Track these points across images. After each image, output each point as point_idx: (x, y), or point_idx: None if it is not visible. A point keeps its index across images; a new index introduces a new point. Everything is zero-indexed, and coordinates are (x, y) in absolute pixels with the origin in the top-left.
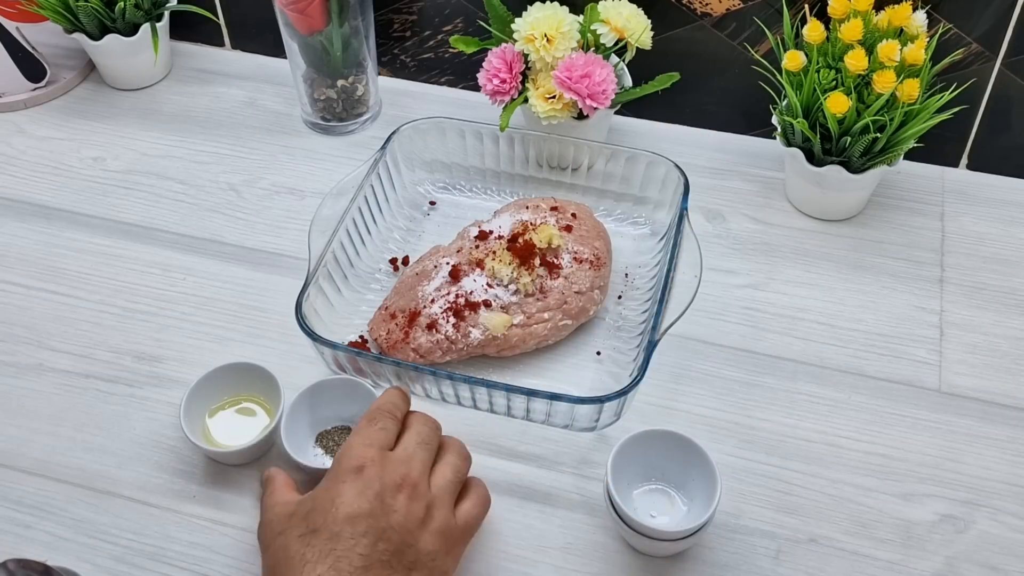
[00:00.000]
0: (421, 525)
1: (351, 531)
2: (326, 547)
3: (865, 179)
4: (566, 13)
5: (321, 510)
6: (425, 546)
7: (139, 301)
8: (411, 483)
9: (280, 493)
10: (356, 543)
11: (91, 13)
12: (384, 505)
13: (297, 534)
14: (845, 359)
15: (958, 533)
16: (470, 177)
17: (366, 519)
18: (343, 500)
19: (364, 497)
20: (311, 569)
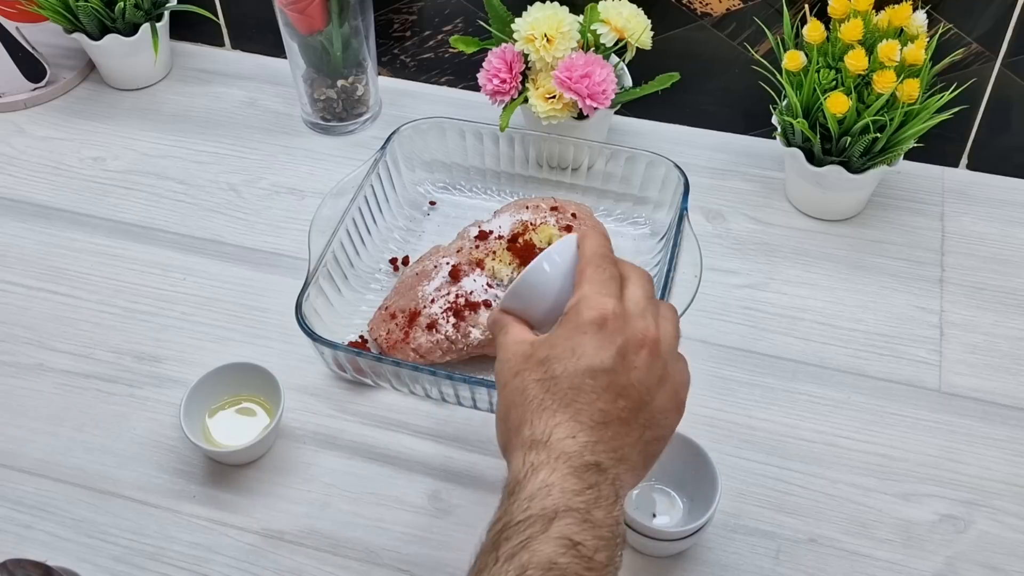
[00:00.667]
0: (659, 383)
1: (592, 384)
2: (567, 396)
3: (865, 179)
4: (566, 13)
5: (561, 358)
6: (660, 404)
7: (139, 301)
8: (652, 340)
9: (515, 331)
10: (597, 397)
11: (91, 13)
12: (626, 362)
13: (535, 377)
14: (845, 359)
15: (958, 533)
16: (470, 177)
17: (608, 374)
18: (585, 352)
19: (607, 352)
20: (550, 416)
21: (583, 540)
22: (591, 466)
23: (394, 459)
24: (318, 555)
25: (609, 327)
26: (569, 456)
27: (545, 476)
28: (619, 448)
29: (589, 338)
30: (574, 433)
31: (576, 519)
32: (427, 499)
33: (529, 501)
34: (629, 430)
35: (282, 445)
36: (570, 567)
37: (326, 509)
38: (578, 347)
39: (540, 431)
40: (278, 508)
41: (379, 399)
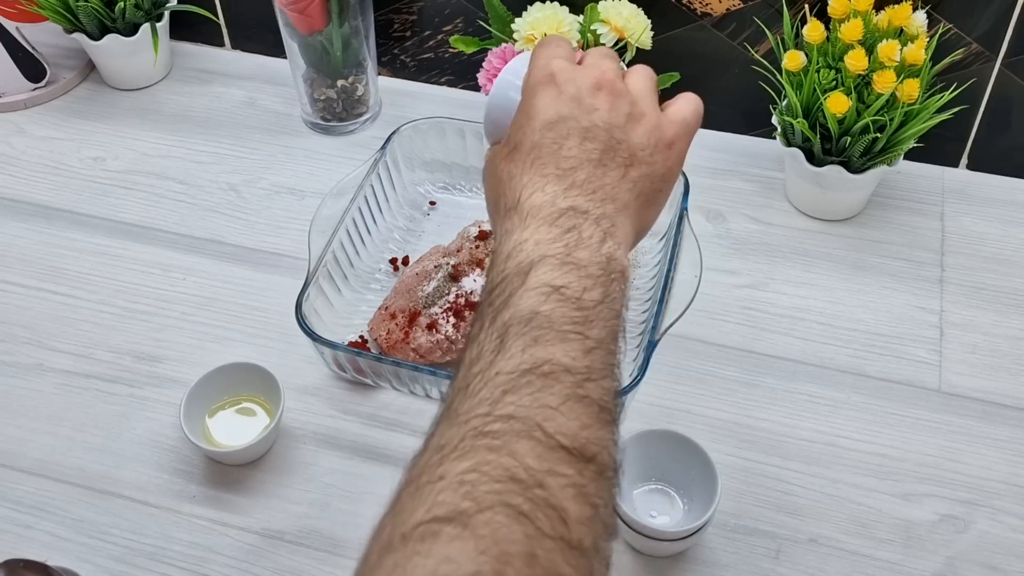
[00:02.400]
0: (629, 120)
1: (552, 136)
2: (530, 157)
3: (865, 179)
4: (566, 13)
5: (519, 125)
6: (639, 142)
7: (139, 301)
8: (608, 81)
9: None
10: (559, 147)
11: (91, 13)
12: (583, 105)
13: (502, 156)
14: (845, 359)
15: (958, 533)
16: (470, 177)
17: (566, 121)
18: (538, 109)
19: (560, 101)
20: (517, 182)
21: (566, 283)
22: (565, 211)
23: (394, 459)
24: (318, 555)
25: (559, 79)
26: (539, 207)
27: (518, 235)
28: (598, 189)
29: (540, 97)
30: (541, 187)
31: (554, 264)
32: None
33: (505, 262)
34: (606, 170)
35: (282, 445)
36: (555, 311)
37: (326, 509)
38: (531, 109)
39: (511, 199)
40: (278, 508)
41: (379, 399)
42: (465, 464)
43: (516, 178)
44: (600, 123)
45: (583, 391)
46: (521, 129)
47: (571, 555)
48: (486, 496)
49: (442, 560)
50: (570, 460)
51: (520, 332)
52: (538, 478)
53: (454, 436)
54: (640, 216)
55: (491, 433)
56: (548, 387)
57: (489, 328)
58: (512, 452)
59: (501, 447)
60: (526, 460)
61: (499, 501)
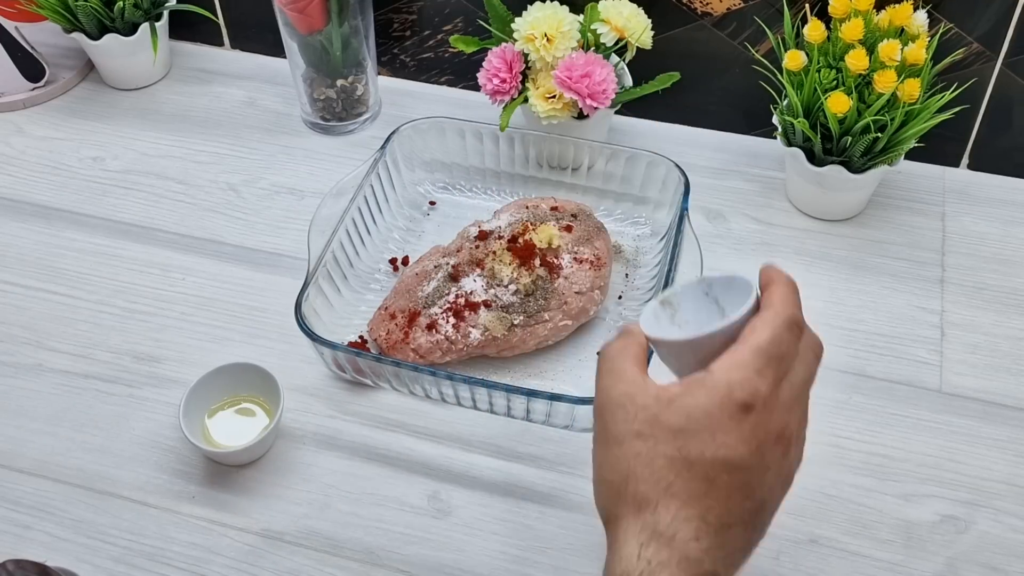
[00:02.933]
0: (782, 486)
1: (727, 480)
2: (699, 488)
3: (866, 179)
4: (566, 13)
5: (698, 437)
6: (775, 506)
7: (138, 301)
8: (788, 437)
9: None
10: (728, 496)
11: (90, 13)
12: (763, 460)
13: (666, 452)
14: (845, 359)
15: (959, 534)
16: (470, 177)
17: (744, 472)
18: (727, 441)
19: (747, 446)
20: (679, 506)
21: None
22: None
23: (394, 459)
24: (317, 555)
25: (754, 416)
26: (691, 563)
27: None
28: (734, 553)
29: (733, 424)
30: (699, 535)
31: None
32: (427, 499)
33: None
34: (746, 533)
35: (282, 445)
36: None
37: (325, 509)
38: (719, 432)
39: (665, 522)
40: (277, 508)
41: (379, 399)
42: None
43: (677, 500)
44: (766, 486)
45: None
46: (699, 444)
47: None
48: None
49: None
50: None
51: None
52: None
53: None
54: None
55: None
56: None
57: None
58: None
59: None
60: None
61: None
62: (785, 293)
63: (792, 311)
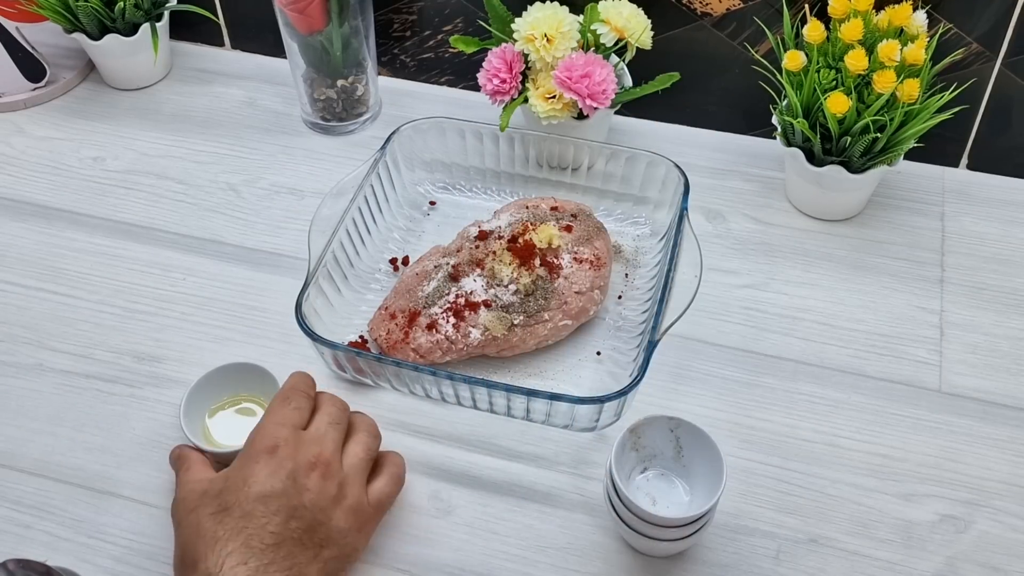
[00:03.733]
0: (334, 503)
1: (263, 509)
2: (238, 525)
3: (865, 179)
4: (566, 13)
5: (234, 489)
6: (337, 523)
7: (139, 301)
8: (324, 462)
9: (195, 471)
10: (268, 521)
11: (91, 13)
12: (297, 484)
13: (209, 511)
14: (845, 359)
15: (958, 533)
16: (470, 177)
17: (279, 498)
18: (256, 479)
19: (277, 477)
20: (223, 546)
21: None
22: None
23: None
24: None
25: (280, 452)
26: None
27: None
28: (294, 566)
29: (261, 465)
30: (245, 559)
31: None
32: (427, 499)
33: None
34: (304, 549)
35: None
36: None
37: None
38: (250, 476)
39: (213, 563)
40: None
41: (379, 399)
42: None
43: (221, 542)
44: (308, 504)
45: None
46: (235, 492)
47: None
48: None
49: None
50: None
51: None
52: None
53: None
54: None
55: None
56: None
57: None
58: None
59: None
60: None
61: None
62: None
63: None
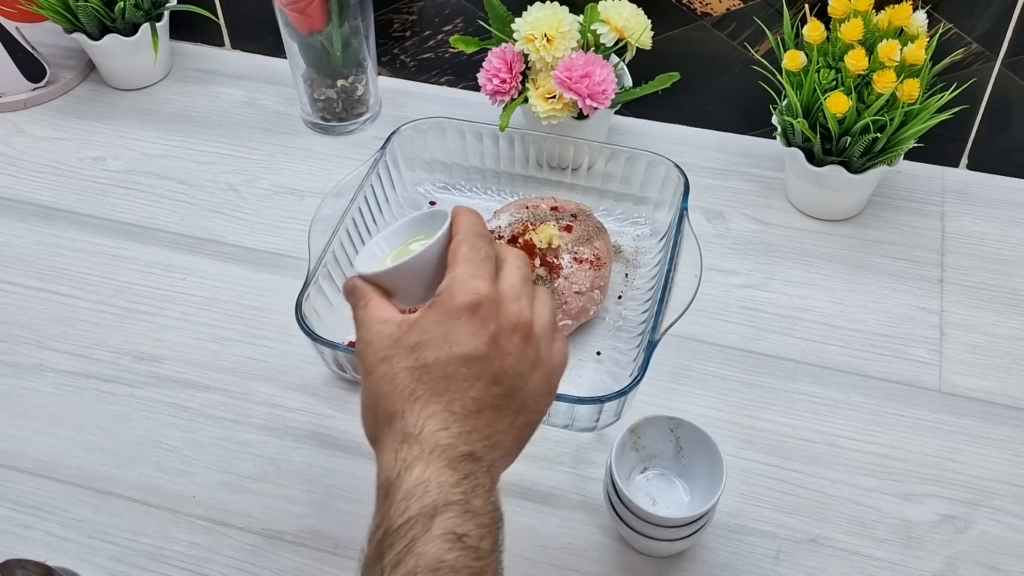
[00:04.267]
0: (531, 368)
1: (466, 372)
2: (439, 386)
3: (865, 179)
4: (566, 13)
5: (433, 345)
6: (533, 389)
7: (139, 301)
8: (524, 324)
9: (376, 307)
10: (471, 386)
11: (91, 13)
12: (500, 348)
13: (406, 364)
14: (845, 359)
15: (958, 533)
16: (470, 177)
17: (482, 362)
18: (458, 340)
19: (480, 339)
20: (423, 407)
21: (467, 531)
22: (466, 456)
23: None
24: (318, 555)
25: (482, 312)
26: (443, 449)
27: (420, 472)
28: (492, 435)
29: (463, 324)
30: (447, 424)
31: (457, 511)
32: None
33: (407, 501)
34: (502, 416)
35: (282, 445)
36: (459, 560)
37: (326, 509)
38: (451, 333)
39: (412, 424)
40: (278, 508)
41: None
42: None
43: (420, 402)
44: (509, 369)
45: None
46: (435, 349)
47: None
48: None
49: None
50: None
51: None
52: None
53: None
54: (511, 459)
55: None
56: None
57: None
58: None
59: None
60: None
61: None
62: (467, 216)
63: (476, 227)
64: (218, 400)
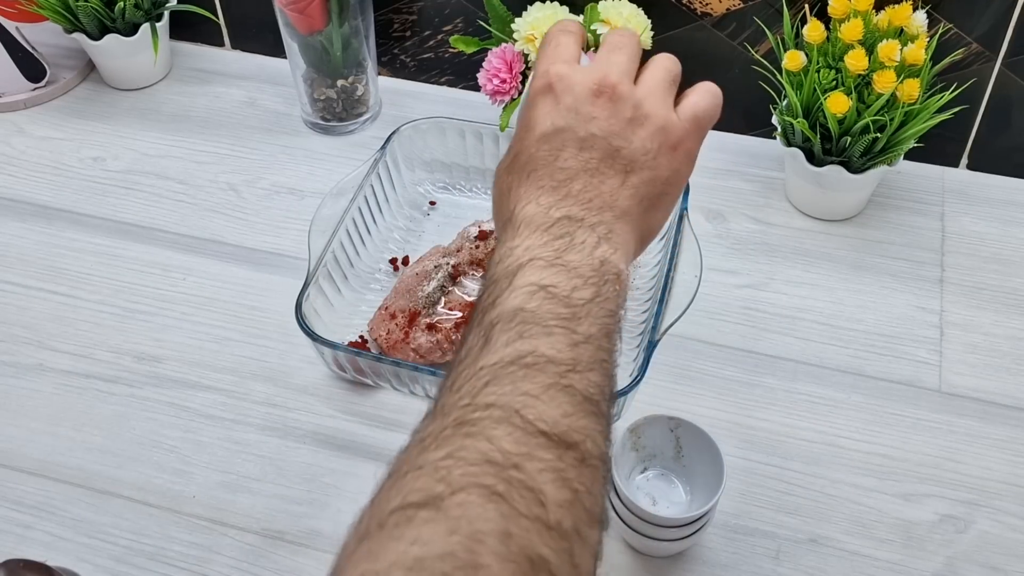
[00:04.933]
0: (630, 125)
1: (547, 147)
2: (526, 169)
3: (865, 179)
4: (566, 13)
5: (517, 137)
6: (641, 145)
7: (139, 301)
8: (609, 85)
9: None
10: (555, 158)
11: (91, 13)
12: (580, 114)
13: (504, 166)
14: (845, 359)
15: (958, 533)
16: (470, 177)
17: (561, 133)
18: (535, 120)
19: (556, 112)
20: (515, 195)
21: (554, 283)
22: (559, 220)
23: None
24: (318, 555)
25: (557, 88)
26: (532, 218)
27: (511, 242)
28: (595, 197)
29: (538, 107)
30: (536, 198)
31: (542, 265)
32: None
33: (495, 267)
34: (604, 178)
35: (282, 445)
36: (541, 307)
37: (326, 509)
38: (530, 120)
39: (507, 211)
40: (278, 508)
41: (379, 399)
42: (442, 452)
43: (513, 190)
44: (598, 131)
45: (566, 381)
46: (520, 140)
47: (548, 536)
48: (459, 479)
49: (413, 542)
50: (549, 445)
51: (505, 328)
52: (514, 460)
53: (435, 429)
54: (643, 221)
55: (470, 422)
56: (530, 377)
57: (476, 328)
58: (489, 437)
59: (478, 433)
60: (503, 444)
61: (472, 483)
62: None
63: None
64: (218, 400)
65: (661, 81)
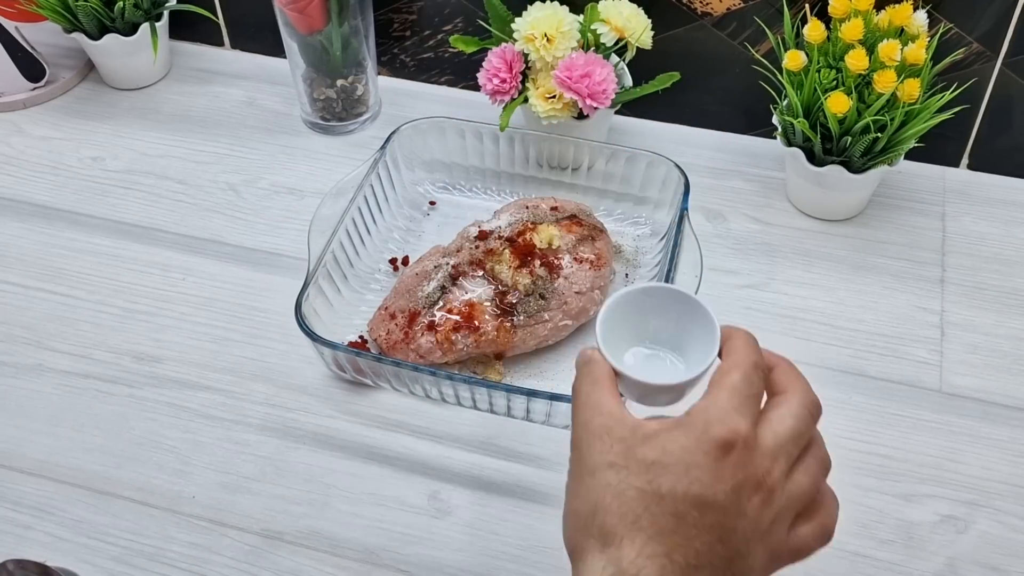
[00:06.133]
0: (760, 538)
1: (697, 518)
2: (667, 524)
3: (866, 179)
4: (566, 13)
5: (672, 472)
6: (753, 561)
7: (139, 301)
8: (769, 487)
9: (609, 397)
10: (697, 535)
11: (90, 13)
12: (739, 503)
13: (638, 484)
14: (845, 359)
15: (959, 534)
16: (470, 177)
17: (716, 512)
18: (700, 477)
19: (723, 484)
20: (644, 542)
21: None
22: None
23: (393, 459)
24: (318, 555)
25: (734, 456)
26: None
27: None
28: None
29: (709, 461)
30: (663, 574)
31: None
32: (426, 499)
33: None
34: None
35: (282, 445)
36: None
37: (326, 509)
38: (694, 467)
39: (629, 558)
40: (278, 508)
41: (379, 399)
42: None
43: (644, 535)
44: (739, 530)
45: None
46: (674, 480)
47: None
48: None
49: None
50: None
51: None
52: None
53: None
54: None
55: None
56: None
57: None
58: None
59: None
60: None
61: None
62: (747, 340)
63: (756, 357)
64: (217, 400)
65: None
